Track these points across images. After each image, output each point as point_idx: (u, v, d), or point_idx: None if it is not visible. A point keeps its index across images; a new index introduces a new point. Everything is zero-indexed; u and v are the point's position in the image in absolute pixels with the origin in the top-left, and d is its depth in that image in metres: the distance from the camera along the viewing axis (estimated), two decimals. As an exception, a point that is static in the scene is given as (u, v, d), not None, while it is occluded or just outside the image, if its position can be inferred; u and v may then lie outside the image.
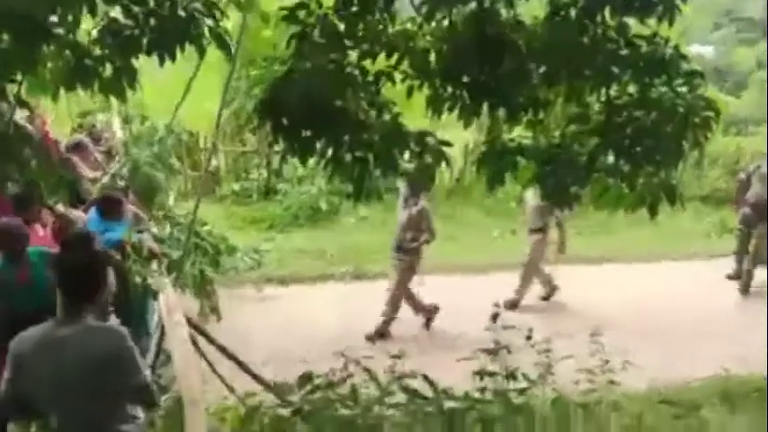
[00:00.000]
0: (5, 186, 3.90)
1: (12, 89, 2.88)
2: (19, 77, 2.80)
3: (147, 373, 2.49)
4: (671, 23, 2.71)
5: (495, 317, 3.26)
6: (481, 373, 2.85)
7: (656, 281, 7.30)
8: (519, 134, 3.19)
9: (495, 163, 3.05)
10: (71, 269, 2.34)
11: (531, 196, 6.94)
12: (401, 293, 6.00)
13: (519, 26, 2.75)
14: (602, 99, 3.02)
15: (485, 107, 3.02)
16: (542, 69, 2.89)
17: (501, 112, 3.05)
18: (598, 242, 9.02)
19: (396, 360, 2.59)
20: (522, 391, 2.75)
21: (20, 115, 3.75)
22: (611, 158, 3.09)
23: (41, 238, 3.99)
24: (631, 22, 2.87)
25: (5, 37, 2.70)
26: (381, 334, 5.85)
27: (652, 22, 2.83)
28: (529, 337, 3.65)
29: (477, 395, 2.63)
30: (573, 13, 2.82)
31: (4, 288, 3.33)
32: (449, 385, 2.79)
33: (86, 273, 2.34)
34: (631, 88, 2.99)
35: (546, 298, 6.95)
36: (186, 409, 2.42)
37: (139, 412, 2.49)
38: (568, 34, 2.74)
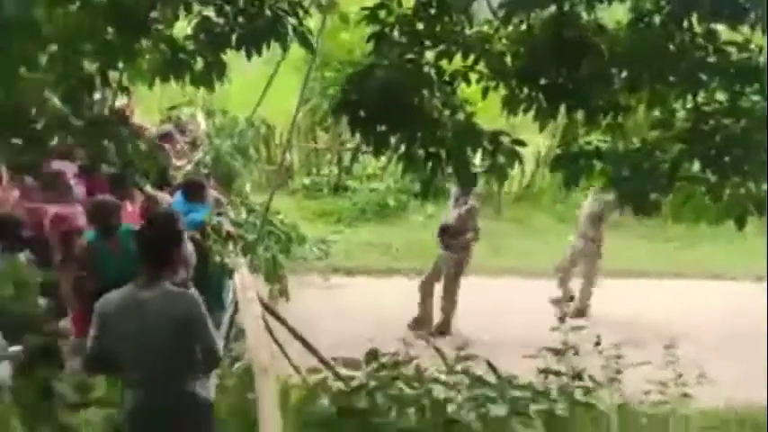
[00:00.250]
0: (102, 166, 4.28)
1: (114, 76, 3.14)
2: (120, 66, 3.04)
3: (217, 339, 2.70)
4: (765, 31, 2.59)
5: (562, 318, 3.23)
6: (546, 371, 2.83)
7: (736, 299, 6.88)
8: (596, 138, 3.14)
9: (571, 165, 3.01)
10: (153, 240, 2.59)
11: (587, 204, 6.76)
12: (455, 289, 6.01)
13: (600, 30, 2.71)
14: (689, 106, 2.91)
15: (562, 109, 2.99)
16: (624, 74, 2.84)
17: (579, 115, 3.01)
18: (677, 255, 8.60)
19: (459, 351, 2.63)
20: (587, 392, 2.71)
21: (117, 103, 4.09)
22: (695, 167, 2.97)
23: (130, 215, 4.33)
24: (721, 28, 2.76)
25: (110, 29, 2.95)
26: (442, 331, 5.89)
27: (745, 29, 2.71)
28: (598, 343, 3.58)
29: (541, 389, 2.62)
30: (657, 19, 2.74)
31: (97, 259, 3.63)
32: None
33: (166, 244, 2.59)
34: (720, 96, 2.87)
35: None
36: (257, 378, 2.57)
37: (209, 378, 2.69)
38: (653, 40, 2.67)
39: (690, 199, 2.97)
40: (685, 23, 2.59)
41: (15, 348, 2.99)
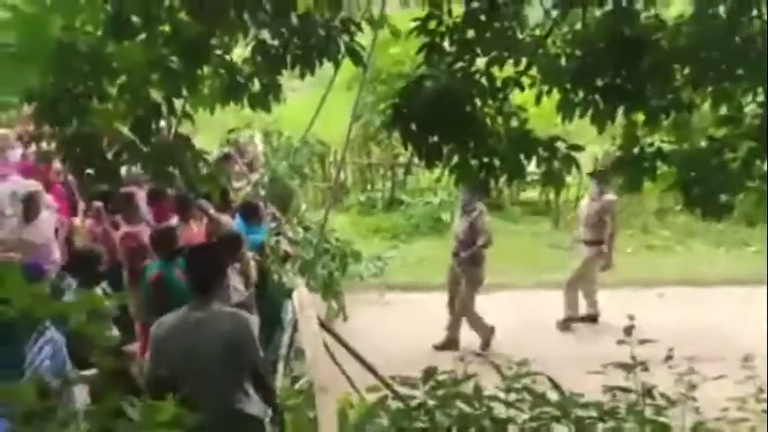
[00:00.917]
0: (168, 189, 4.48)
1: (179, 104, 3.29)
2: (184, 93, 3.17)
3: (261, 360, 2.76)
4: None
5: (629, 330, 3.06)
6: (614, 389, 2.68)
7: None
8: (658, 139, 3.00)
9: (632, 168, 2.89)
10: (195, 262, 2.70)
11: (584, 206, 6.46)
12: (473, 303, 5.89)
13: (660, 25, 2.60)
14: (759, 99, 2.75)
15: (620, 111, 2.88)
16: (687, 70, 2.71)
17: (639, 116, 2.89)
18: (756, 263, 8.08)
19: (521, 367, 2.54)
20: (659, 411, 2.55)
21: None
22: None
23: (196, 234, 4.52)
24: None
25: (174, 58, 3.08)
26: (486, 344, 5.74)
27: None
28: (669, 356, 3.38)
29: (608, 407, 2.49)
30: (722, 9, 2.61)
31: (163, 285, 3.75)
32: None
33: (206, 264, 2.69)
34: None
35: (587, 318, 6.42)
36: (317, 396, 2.58)
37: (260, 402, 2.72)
38: (717, 32, 2.54)
39: (762, 200, 2.79)
40: (754, 12, 2.44)
41: (89, 372, 3.14)
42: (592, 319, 6.56)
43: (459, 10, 2.83)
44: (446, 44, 2.80)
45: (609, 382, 3.03)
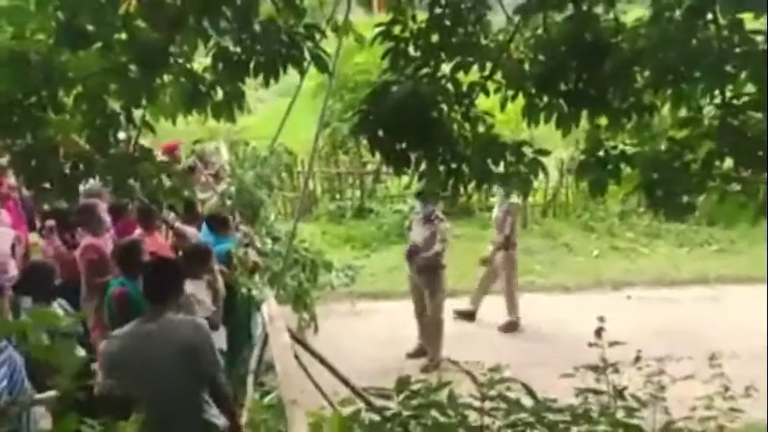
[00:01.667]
0: (129, 203, 4.35)
1: (138, 115, 3.19)
2: (143, 102, 3.08)
3: (221, 367, 2.69)
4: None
5: (599, 332, 3.09)
6: (585, 391, 2.70)
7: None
8: (621, 141, 3.05)
9: (597, 171, 2.92)
10: (151, 271, 2.61)
11: (496, 209, 6.61)
12: (442, 313, 5.85)
13: (620, 29, 2.65)
14: (716, 101, 2.82)
15: (584, 115, 2.92)
16: (646, 73, 2.76)
17: (602, 119, 2.93)
18: (719, 261, 8.33)
19: (493, 373, 2.52)
20: (630, 413, 2.57)
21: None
22: (727, 164, 2.86)
23: (161, 245, 4.40)
24: (746, 17, 2.67)
25: (132, 67, 2.99)
26: (433, 362, 5.74)
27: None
28: (638, 358, 3.43)
29: (580, 411, 2.49)
30: (678, 13, 2.68)
31: (127, 301, 3.63)
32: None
33: (163, 273, 2.61)
34: (749, 88, 2.77)
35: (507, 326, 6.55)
36: (287, 409, 2.52)
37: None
38: (674, 35, 2.59)
39: (725, 198, 2.85)
40: (708, 15, 2.51)
41: (49, 395, 2.99)
42: (470, 315, 6.69)
43: (423, 16, 2.83)
44: (411, 50, 2.79)
45: (580, 384, 3.05)
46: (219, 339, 3.84)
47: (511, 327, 6.55)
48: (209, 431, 2.52)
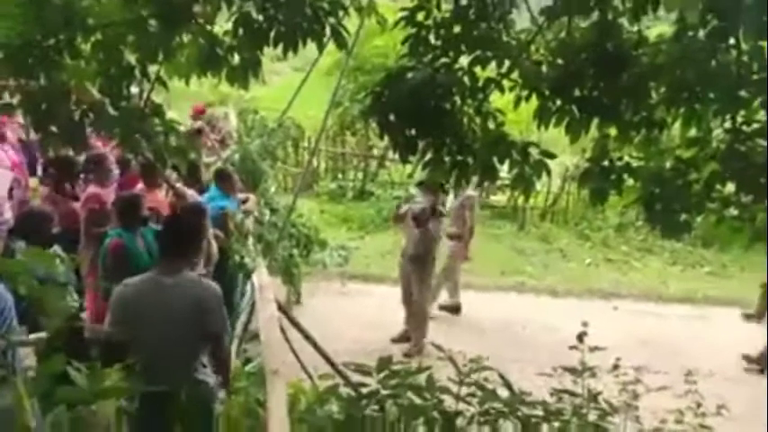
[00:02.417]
0: (135, 157, 4.37)
1: (153, 70, 3.19)
2: (160, 58, 3.07)
3: (227, 331, 2.74)
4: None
5: (581, 336, 3.14)
6: (561, 392, 2.75)
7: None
8: (627, 153, 3.07)
9: (600, 180, 2.95)
10: (174, 227, 2.64)
11: (449, 202, 6.57)
12: (427, 302, 5.94)
13: (642, 42, 2.65)
14: (727, 125, 2.84)
15: (594, 123, 2.94)
16: (662, 89, 2.77)
17: (611, 130, 2.95)
18: (709, 283, 8.39)
19: (473, 364, 2.57)
20: (602, 417, 2.62)
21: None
22: (729, 188, 2.89)
23: (160, 202, 4.43)
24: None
25: (153, 22, 2.99)
26: (416, 348, 5.81)
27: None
28: (616, 366, 3.49)
29: (553, 408, 2.55)
30: (701, 33, 2.69)
31: (124, 253, 3.66)
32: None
33: (186, 231, 2.65)
34: (762, 115, 2.79)
35: (449, 308, 6.66)
36: (268, 378, 2.57)
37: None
38: (695, 54, 2.60)
39: (722, 221, 2.88)
40: (731, 40, 2.52)
41: (37, 335, 3.03)
42: (454, 309, 6.75)
43: (447, 6, 2.83)
44: (432, 38, 2.79)
45: (557, 385, 3.10)
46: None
47: (455, 309, 6.69)
48: (199, 387, 2.57)
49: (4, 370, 1.72)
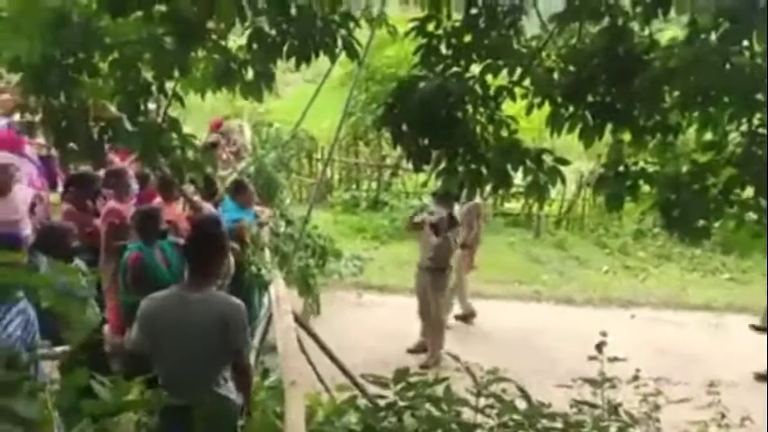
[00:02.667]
0: (153, 171, 4.43)
1: (169, 85, 3.24)
2: (176, 74, 3.13)
3: (249, 347, 2.75)
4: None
5: (600, 347, 3.10)
6: (581, 403, 2.72)
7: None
8: (642, 159, 3.05)
9: (615, 186, 2.92)
10: (201, 244, 2.67)
11: (455, 211, 6.53)
12: (446, 315, 5.91)
13: (654, 45, 2.64)
14: (743, 128, 2.81)
15: (608, 128, 2.92)
16: (676, 93, 2.76)
17: (626, 135, 2.93)
18: (729, 290, 8.25)
19: (490, 375, 2.55)
20: (622, 429, 2.58)
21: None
22: (748, 192, 2.85)
23: (178, 215, 4.48)
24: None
25: (168, 39, 3.05)
26: (433, 359, 5.77)
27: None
28: (636, 377, 3.44)
29: (573, 420, 2.52)
30: (714, 36, 2.67)
31: (143, 266, 3.71)
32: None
33: (212, 247, 2.66)
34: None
35: (464, 317, 6.65)
36: (286, 390, 2.57)
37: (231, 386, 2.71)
38: (709, 57, 2.59)
39: (741, 226, 2.84)
40: (744, 42, 2.50)
41: (61, 348, 3.07)
42: (466, 318, 6.72)
43: (457, 16, 2.85)
44: (443, 48, 2.81)
45: (576, 396, 3.07)
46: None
47: (469, 316, 6.68)
48: (221, 404, 2.59)
49: (32, 383, 1.75)
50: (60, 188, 6.03)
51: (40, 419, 1.58)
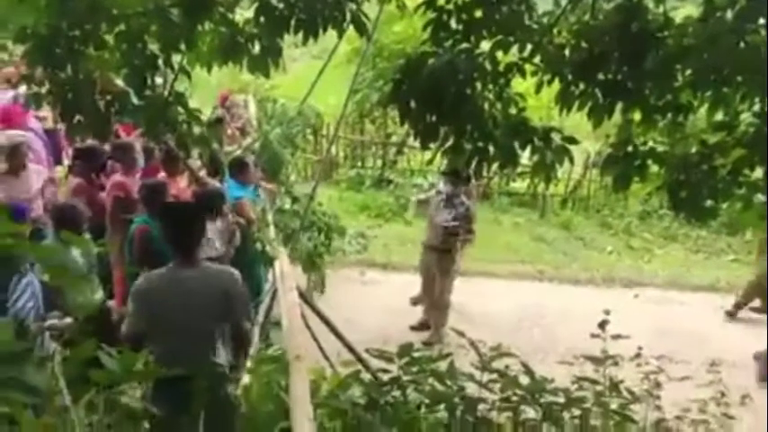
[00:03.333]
0: (158, 145, 4.42)
1: (176, 59, 3.22)
2: (182, 47, 3.10)
3: (249, 315, 2.80)
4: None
5: (602, 325, 3.12)
6: (582, 379, 2.74)
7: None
8: (651, 138, 3.02)
9: (623, 166, 2.90)
10: (177, 222, 2.67)
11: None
12: (450, 294, 5.86)
13: (668, 23, 2.60)
14: (755, 108, 2.77)
15: (618, 107, 2.89)
16: (688, 72, 2.72)
17: (636, 114, 2.90)
18: (733, 271, 8.24)
19: (494, 352, 2.58)
20: (623, 405, 2.61)
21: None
22: (757, 174, 2.83)
23: (183, 191, 4.49)
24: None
25: (175, 11, 3.02)
26: (436, 336, 5.77)
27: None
28: (638, 354, 3.46)
29: (575, 396, 2.55)
30: (729, 14, 2.62)
31: (150, 239, 3.73)
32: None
33: (189, 221, 2.68)
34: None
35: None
36: (291, 363, 2.60)
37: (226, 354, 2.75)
38: (723, 37, 2.54)
39: (750, 207, 2.82)
40: (760, 20, 2.45)
41: (67, 320, 3.11)
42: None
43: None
44: (453, 23, 2.77)
45: (578, 373, 3.09)
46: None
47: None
48: (214, 369, 2.63)
49: (39, 353, 1.77)
50: (66, 162, 6.04)
51: (47, 389, 1.61)
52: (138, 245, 3.66)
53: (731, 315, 6.62)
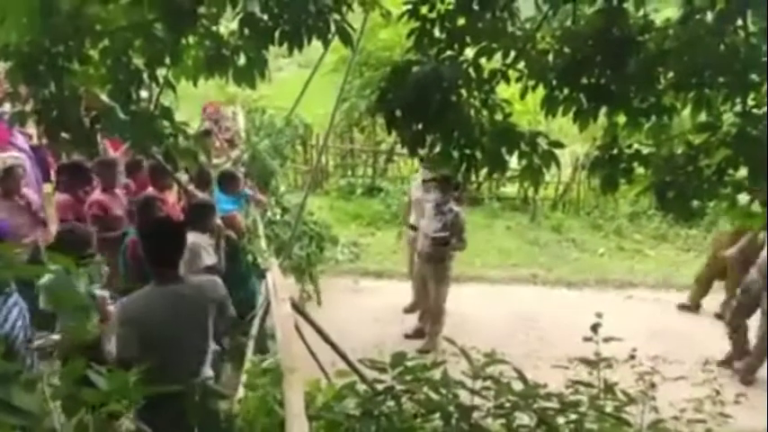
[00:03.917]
0: (144, 159, 4.40)
1: (161, 73, 3.21)
2: (167, 61, 3.10)
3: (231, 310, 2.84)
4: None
5: (595, 327, 3.12)
6: (577, 383, 2.74)
7: None
8: (637, 141, 3.05)
9: (610, 168, 2.93)
10: (156, 240, 2.66)
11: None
12: (444, 301, 5.83)
13: (649, 26, 2.63)
14: (737, 109, 2.81)
15: (603, 111, 2.92)
16: (670, 74, 2.75)
17: (620, 117, 2.93)
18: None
19: (487, 358, 2.57)
20: (618, 408, 2.61)
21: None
22: (741, 173, 2.86)
23: (171, 207, 4.47)
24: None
25: (158, 25, 3.01)
26: (431, 344, 5.75)
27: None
28: (632, 356, 3.47)
29: (569, 400, 2.55)
30: (709, 16, 2.65)
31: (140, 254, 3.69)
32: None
33: (177, 239, 2.68)
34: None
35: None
36: (285, 376, 2.59)
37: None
38: (704, 39, 2.57)
39: (735, 206, 2.85)
40: (739, 21, 2.48)
41: (53, 337, 3.07)
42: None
43: (452, -3, 2.81)
44: (436, 31, 2.78)
45: (572, 376, 3.09)
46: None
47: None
48: (205, 384, 2.61)
49: (28, 374, 1.75)
50: (53, 178, 5.99)
51: (36, 411, 1.58)
52: (131, 256, 3.64)
53: (686, 308, 6.69)
